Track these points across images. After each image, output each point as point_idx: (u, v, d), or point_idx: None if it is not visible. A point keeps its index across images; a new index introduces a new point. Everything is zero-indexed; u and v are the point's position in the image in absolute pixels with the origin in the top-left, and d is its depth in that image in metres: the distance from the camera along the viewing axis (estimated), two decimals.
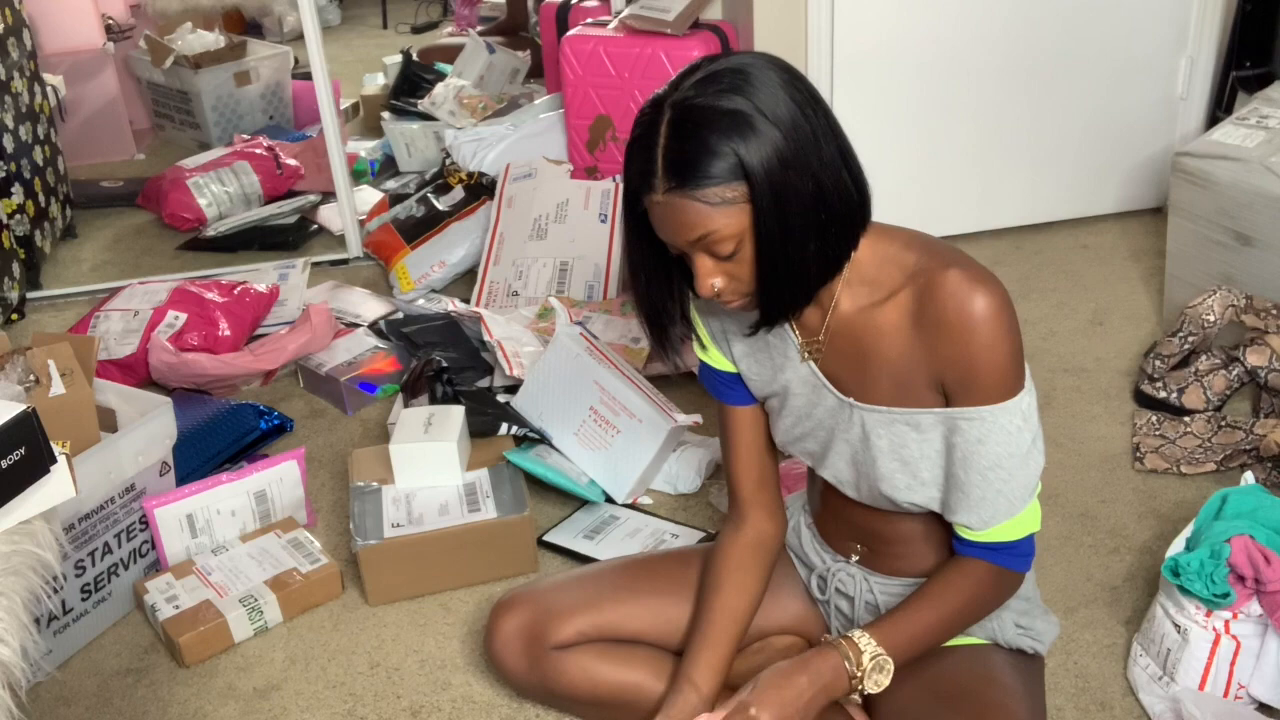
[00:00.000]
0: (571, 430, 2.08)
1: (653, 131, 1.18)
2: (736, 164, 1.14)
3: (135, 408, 1.97)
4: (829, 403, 1.35)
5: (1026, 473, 1.28)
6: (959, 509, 1.30)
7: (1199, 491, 2.00)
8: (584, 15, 3.19)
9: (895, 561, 1.44)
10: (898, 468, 1.32)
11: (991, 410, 1.24)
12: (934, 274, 1.24)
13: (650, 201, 1.20)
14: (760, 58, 1.19)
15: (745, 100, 1.15)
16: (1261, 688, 1.53)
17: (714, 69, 1.17)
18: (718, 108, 1.14)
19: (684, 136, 1.15)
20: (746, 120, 1.14)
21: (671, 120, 1.17)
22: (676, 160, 1.16)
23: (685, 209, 1.17)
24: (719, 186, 1.15)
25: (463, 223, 2.97)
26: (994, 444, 1.25)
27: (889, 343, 1.28)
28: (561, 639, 1.50)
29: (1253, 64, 2.81)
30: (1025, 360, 1.26)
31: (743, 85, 1.15)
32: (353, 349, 2.56)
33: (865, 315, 1.29)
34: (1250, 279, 2.30)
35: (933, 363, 1.25)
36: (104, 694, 1.76)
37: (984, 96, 2.88)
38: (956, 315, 1.21)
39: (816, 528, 1.53)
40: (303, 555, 1.93)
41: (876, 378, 1.30)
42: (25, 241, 3.07)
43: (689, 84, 1.17)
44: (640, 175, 1.19)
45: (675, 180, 1.16)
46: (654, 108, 1.19)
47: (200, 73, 4.04)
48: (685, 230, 1.19)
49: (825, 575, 1.51)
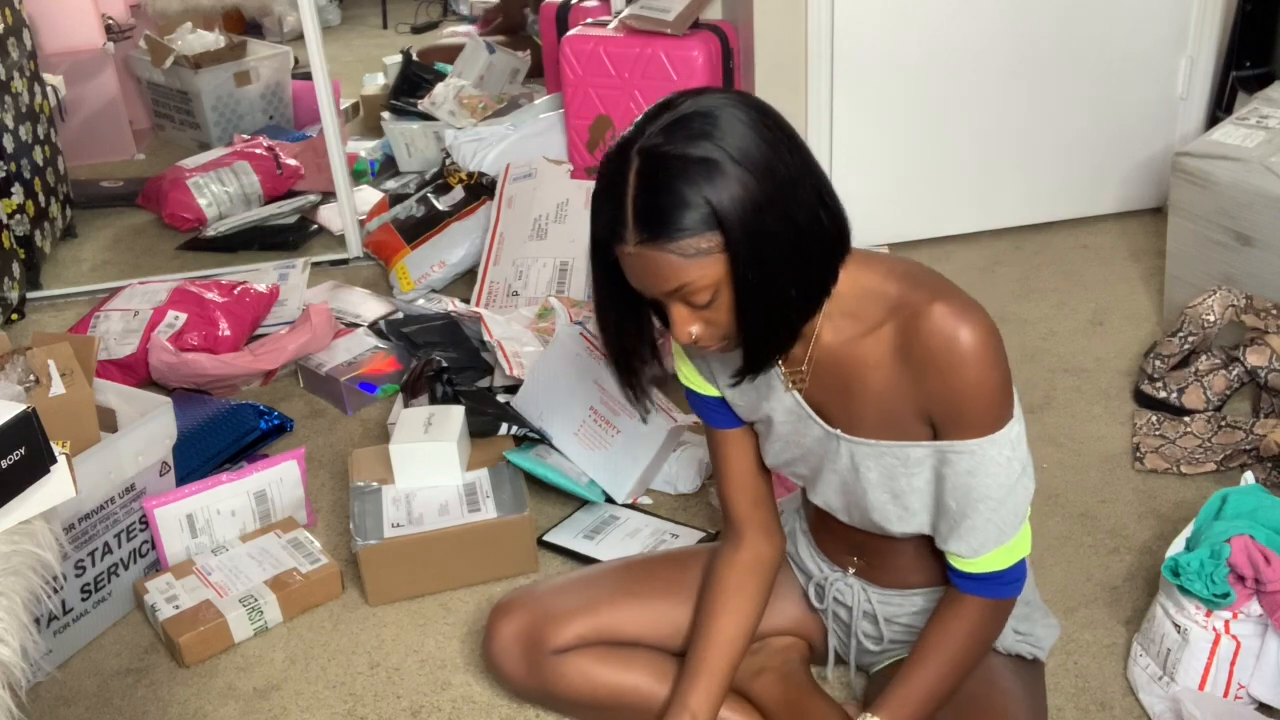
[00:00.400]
0: (571, 430, 2.08)
1: (620, 181, 1.13)
2: (710, 214, 1.10)
3: (135, 408, 1.97)
4: (816, 433, 1.34)
5: (1016, 501, 1.27)
6: (950, 537, 1.30)
7: (1199, 491, 2.00)
8: (584, 15, 3.19)
9: (892, 574, 1.43)
10: (888, 499, 1.31)
11: (980, 443, 1.23)
12: (917, 308, 1.21)
13: (621, 252, 1.16)
14: (727, 97, 1.14)
15: (715, 146, 1.10)
16: (1261, 688, 1.53)
17: (681, 113, 1.12)
18: (687, 155, 1.10)
19: (654, 188, 1.11)
20: (718, 167, 1.09)
21: (640, 170, 1.12)
22: (647, 212, 1.11)
23: (659, 261, 1.13)
24: (693, 238, 1.11)
25: (463, 223, 2.97)
26: (984, 475, 1.24)
27: (874, 376, 1.26)
28: (560, 643, 1.49)
29: (1253, 64, 2.81)
30: (1013, 387, 1.25)
31: (712, 130, 1.10)
32: (353, 349, 2.56)
33: (848, 348, 1.27)
34: (1250, 279, 2.30)
35: (919, 397, 1.23)
36: (104, 694, 1.76)
37: (984, 96, 2.88)
38: (942, 351, 1.19)
39: (813, 538, 1.53)
40: (303, 555, 1.93)
41: (863, 410, 1.28)
42: (25, 241, 3.07)
43: (655, 129, 1.12)
44: (609, 226, 1.15)
45: (647, 233, 1.12)
46: (619, 154, 1.14)
47: (200, 73, 4.04)
48: (660, 282, 1.15)
49: (823, 584, 1.50)
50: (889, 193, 2.94)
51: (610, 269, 1.20)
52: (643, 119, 1.15)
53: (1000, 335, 1.22)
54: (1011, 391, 1.25)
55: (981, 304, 1.23)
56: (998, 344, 1.21)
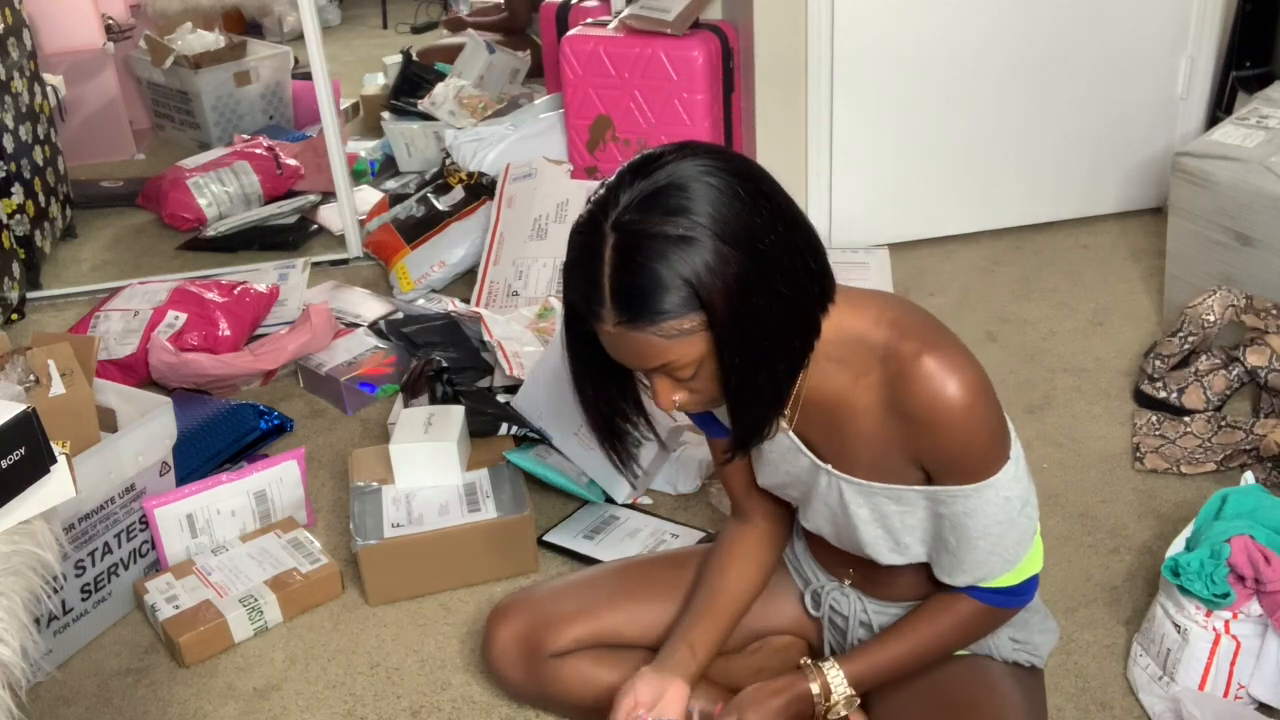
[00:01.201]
0: (571, 430, 2.08)
1: (594, 258, 1.09)
2: (691, 295, 1.06)
3: (135, 408, 1.97)
4: (804, 464, 1.32)
5: (1018, 532, 1.26)
6: (954, 571, 1.29)
7: (1199, 491, 2.00)
8: (584, 15, 3.19)
9: (888, 588, 1.43)
10: (881, 535, 1.30)
11: (976, 488, 1.21)
12: (905, 363, 1.17)
13: (600, 329, 1.12)
14: (705, 163, 1.08)
15: (694, 222, 1.05)
16: (1261, 688, 1.53)
17: (657, 184, 1.07)
18: (665, 235, 1.05)
19: (632, 269, 1.06)
20: (698, 246, 1.05)
21: (616, 248, 1.07)
22: (626, 295, 1.07)
23: (639, 341, 1.10)
24: (674, 320, 1.07)
25: (463, 223, 2.97)
26: (981, 515, 1.23)
27: (863, 422, 1.24)
28: (559, 646, 1.49)
29: (1253, 64, 2.81)
30: (1009, 428, 1.24)
31: (689, 205, 1.06)
32: (353, 349, 2.56)
33: (838, 393, 1.24)
34: (1250, 279, 2.30)
35: (910, 448, 1.22)
36: (104, 694, 1.76)
37: (984, 96, 2.88)
38: (931, 408, 1.17)
39: (808, 545, 1.53)
40: (303, 555, 1.93)
41: (854, 451, 1.26)
42: (25, 241, 3.07)
43: (629, 203, 1.07)
44: (585, 303, 1.11)
45: (626, 315, 1.08)
46: (592, 226, 1.10)
47: (200, 73, 4.04)
48: (642, 360, 1.12)
49: (819, 592, 1.50)
50: (889, 193, 2.94)
51: (585, 338, 1.17)
52: (615, 183, 1.10)
53: (990, 384, 1.20)
54: (1006, 435, 1.23)
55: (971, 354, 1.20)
56: (988, 393, 1.19)
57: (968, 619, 1.34)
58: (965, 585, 1.30)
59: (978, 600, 1.32)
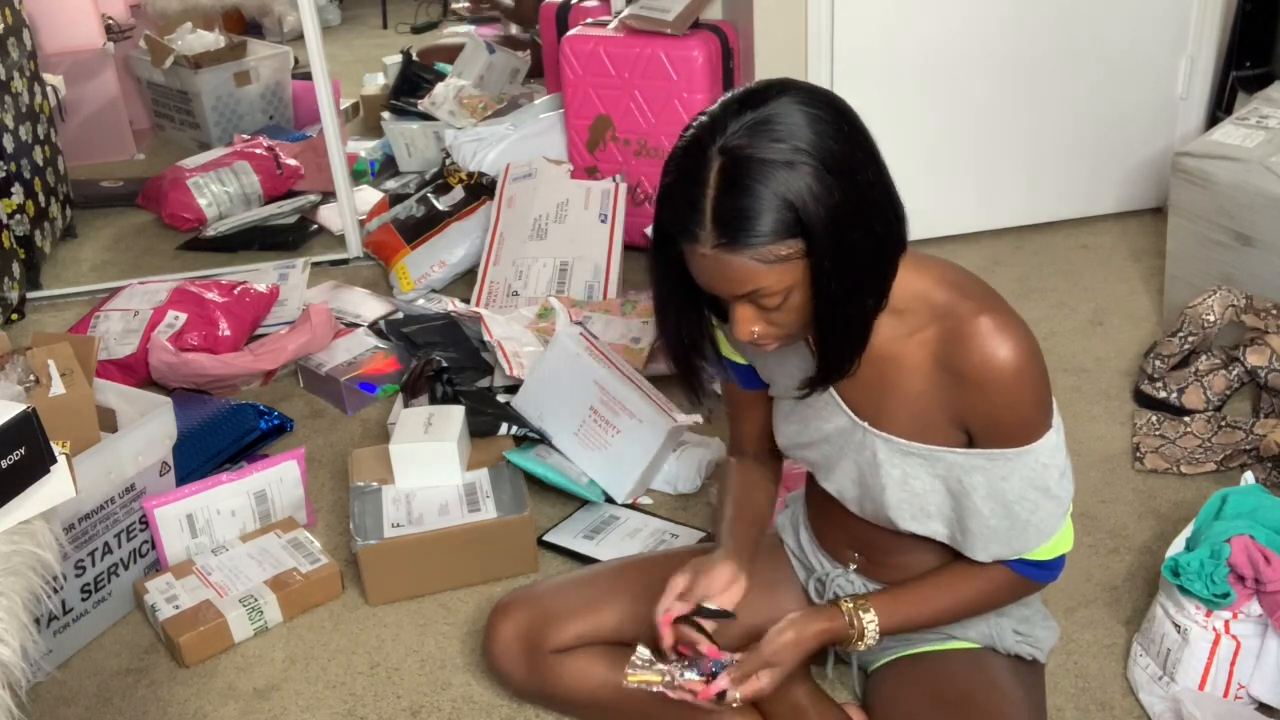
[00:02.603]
0: (571, 430, 2.08)
1: (698, 179, 1.10)
2: (794, 220, 1.08)
3: (135, 408, 1.97)
4: (840, 422, 1.33)
5: (1054, 504, 1.27)
6: (988, 544, 1.29)
7: (1199, 491, 2.00)
8: (584, 15, 3.20)
9: (893, 571, 1.43)
10: (906, 498, 1.31)
11: (1018, 451, 1.23)
12: (962, 320, 1.20)
13: (692, 251, 1.13)
14: (809, 97, 1.11)
15: (802, 152, 1.07)
16: (1261, 688, 1.53)
17: (766, 113, 1.09)
18: (772, 160, 1.07)
19: (738, 191, 1.08)
20: (804, 173, 1.07)
21: (722, 170, 1.09)
22: (729, 216, 1.09)
23: (734, 265, 1.11)
24: (774, 244, 1.09)
25: (463, 223, 2.97)
26: (1018, 480, 1.25)
27: (911, 379, 1.25)
28: (560, 643, 1.50)
29: (1253, 64, 2.81)
30: (1052, 396, 1.25)
31: (797, 131, 1.08)
32: (353, 349, 2.56)
33: (888, 346, 1.25)
34: (1250, 279, 2.30)
35: (956, 406, 1.24)
36: (104, 694, 1.76)
37: (984, 96, 2.88)
38: (983, 367, 1.19)
39: (814, 533, 1.53)
40: (303, 555, 1.93)
41: (896, 409, 1.28)
42: (25, 241, 3.07)
43: (737, 129, 1.09)
44: (681, 225, 1.12)
45: (726, 237, 1.09)
46: (697, 150, 1.11)
47: (200, 73, 4.04)
48: (733, 285, 1.13)
49: (824, 579, 1.50)
50: None
51: (672, 265, 1.18)
52: (720, 112, 1.11)
53: (1041, 351, 1.22)
54: (1050, 404, 1.25)
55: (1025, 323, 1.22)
56: (1039, 360, 1.22)
57: (999, 585, 1.34)
58: (996, 559, 1.31)
59: (1007, 566, 1.33)
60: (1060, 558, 1.33)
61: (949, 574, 1.36)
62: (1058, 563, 1.34)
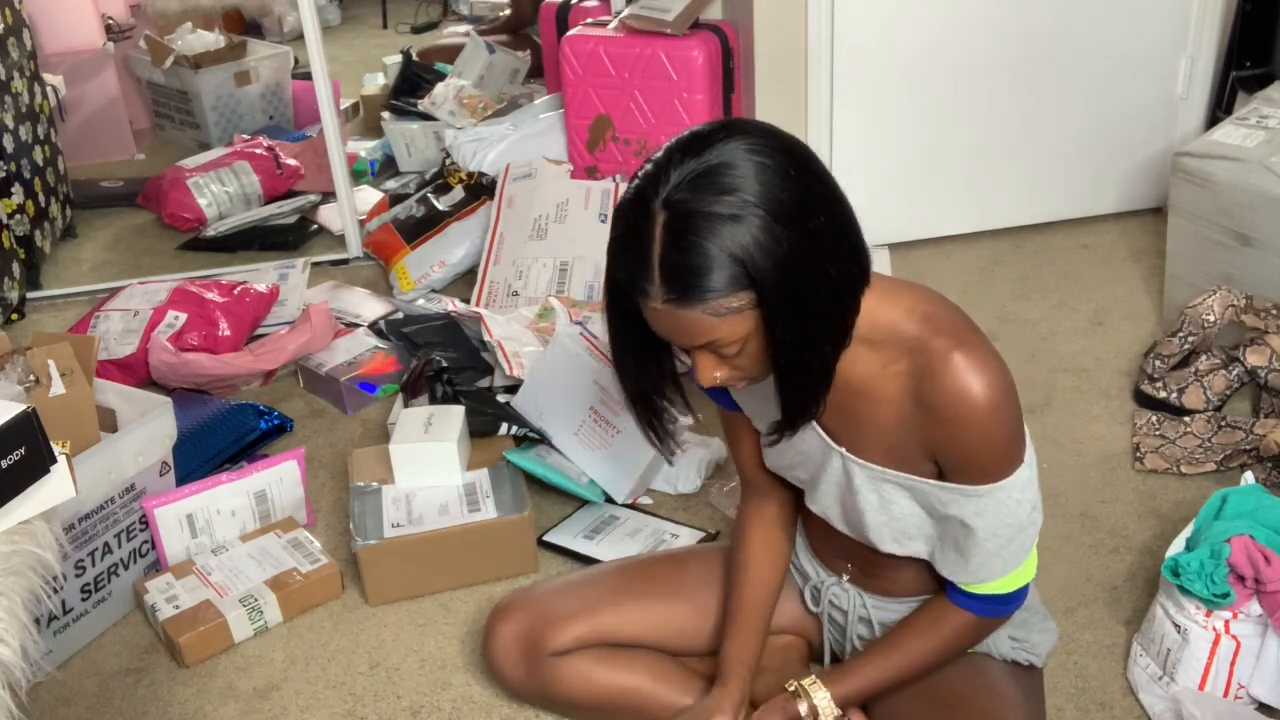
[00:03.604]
0: (571, 430, 2.08)
1: (644, 234, 1.08)
2: (743, 274, 1.06)
3: (135, 408, 1.97)
4: (816, 443, 1.33)
5: (1024, 537, 1.27)
6: (955, 569, 1.30)
7: (1199, 491, 2.00)
8: (584, 15, 3.19)
9: (886, 582, 1.43)
10: (885, 521, 1.31)
11: (988, 489, 1.22)
12: (934, 357, 1.18)
13: (645, 305, 1.12)
14: (755, 143, 1.08)
15: (748, 205, 1.05)
16: (1261, 688, 1.53)
17: (708, 163, 1.06)
18: (716, 213, 1.05)
19: (683, 247, 1.06)
20: (749, 225, 1.05)
21: (667, 226, 1.07)
22: (676, 273, 1.07)
23: (687, 319, 1.09)
24: (724, 299, 1.07)
25: (463, 223, 2.97)
26: (991, 516, 1.24)
27: (884, 411, 1.24)
28: (559, 645, 1.50)
29: (1253, 64, 2.81)
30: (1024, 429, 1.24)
31: (740, 183, 1.05)
32: (353, 349, 2.56)
33: (862, 378, 1.24)
34: (1250, 279, 2.30)
35: (928, 440, 1.23)
36: (104, 694, 1.76)
37: (984, 96, 2.87)
38: (953, 405, 1.18)
39: (809, 542, 1.53)
40: (303, 555, 1.93)
41: (871, 438, 1.27)
42: (25, 241, 3.07)
43: (679, 181, 1.07)
44: (632, 280, 1.11)
45: (676, 294, 1.08)
46: (640, 203, 1.09)
47: (200, 73, 4.04)
48: (689, 338, 1.12)
49: (819, 588, 1.51)
50: (889, 193, 2.94)
51: (627, 314, 1.17)
52: (664, 160, 1.09)
53: (1014, 386, 1.21)
54: (1023, 439, 1.24)
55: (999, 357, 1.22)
56: (1012, 396, 1.20)
57: (956, 634, 1.35)
58: (963, 583, 1.31)
59: (967, 612, 1.33)
60: (1023, 589, 1.32)
61: (904, 634, 1.36)
62: (1020, 594, 1.33)
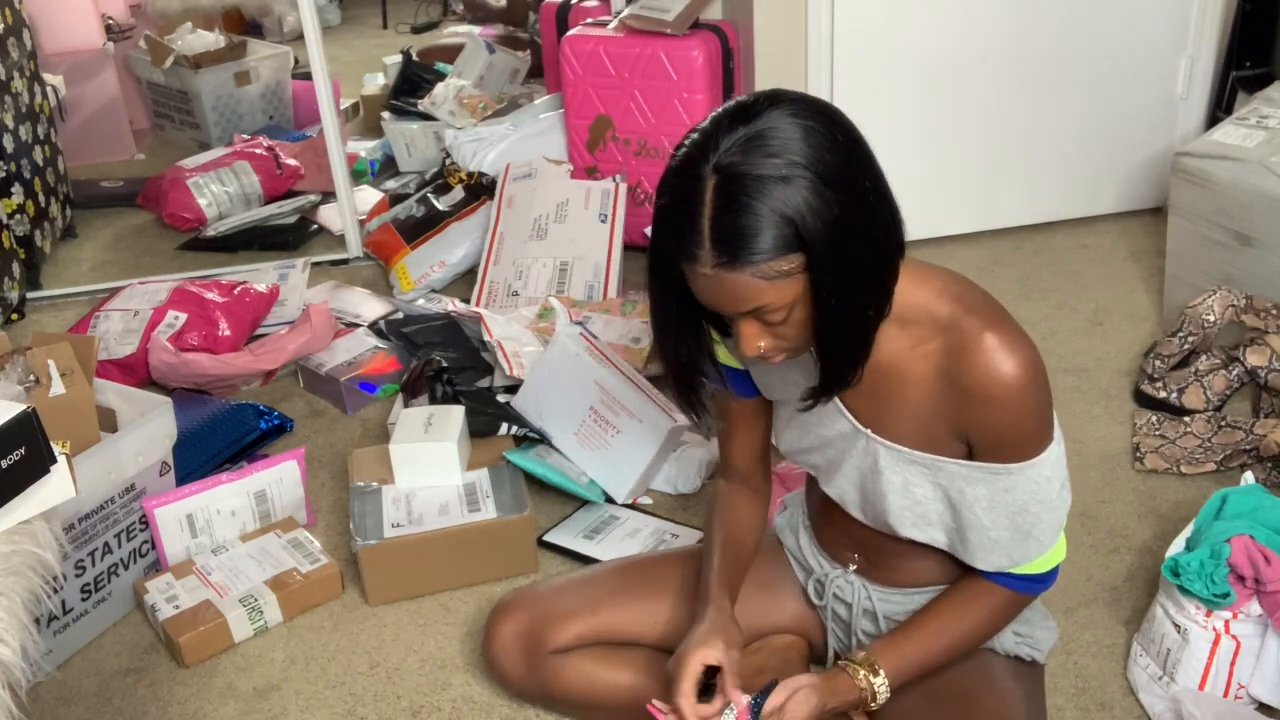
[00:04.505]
0: (571, 430, 2.08)
1: (694, 199, 1.09)
2: (794, 235, 1.07)
3: (135, 408, 1.97)
4: (842, 427, 1.33)
5: (1055, 516, 1.28)
6: (987, 554, 1.29)
7: (1199, 491, 2.00)
8: (584, 15, 3.19)
9: (893, 573, 1.43)
10: (907, 505, 1.31)
11: (1020, 466, 1.24)
12: (966, 336, 1.20)
13: (692, 271, 1.12)
14: (802, 108, 1.10)
15: (797, 166, 1.06)
16: (1261, 688, 1.53)
17: (758, 128, 1.08)
18: (768, 176, 1.06)
19: (735, 209, 1.07)
20: (801, 187, 1.06)
21: (718, 189, 1.08)
22: (727, 235, 1.08)
23: (736, 283, 1.10)
24: (775, 261, 1.08)
25: (463, 223, 2.97)
26: (1020, 492, 1.25)
27: (914, 389, 1.25)
28: (559, 643, 1.50)
29: (1253, 64, 2.81)
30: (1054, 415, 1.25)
31: (791, 145, 1.07)
32: (353, 349, 2.56)
33: (892, 356, 1.25)
34: (1250, 279, 2.30)
35: (959, 420, 1.24)
36: (104, 694, 1.76)
37: (984, 96, 2.88)
38: (986, 384, 1.19)
39: (814, 533, 1.53)
40: (303, 555, 1.93)
41: (899, 418, 1.28)
42: (25, 241, 3.07)
43: (730, 146, 1.08)
44: (681, 246, 1.11)
45: (726, 256, 1.08)
46: (690, 170, 1.10)
47: (200, 73, 4.04)
48: (736, 303, 1.12)
49: (823, 580, 1.51)
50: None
51: (671, 285, 1.18)
52: (712, 128, 1.10)
53: (1044, 367, 1.23)
54: (1052, 419, 1.25)
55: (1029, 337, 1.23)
56: (1042, 376, 1.22)
57: (997, 608, 1.35)
58: (996, 569, 1.31)
59: (1005, 588, 1.33)
60: (1055, 568, 1.33)
61: (944, 610, 1.36)
62: (1053, 573, 1.34)
